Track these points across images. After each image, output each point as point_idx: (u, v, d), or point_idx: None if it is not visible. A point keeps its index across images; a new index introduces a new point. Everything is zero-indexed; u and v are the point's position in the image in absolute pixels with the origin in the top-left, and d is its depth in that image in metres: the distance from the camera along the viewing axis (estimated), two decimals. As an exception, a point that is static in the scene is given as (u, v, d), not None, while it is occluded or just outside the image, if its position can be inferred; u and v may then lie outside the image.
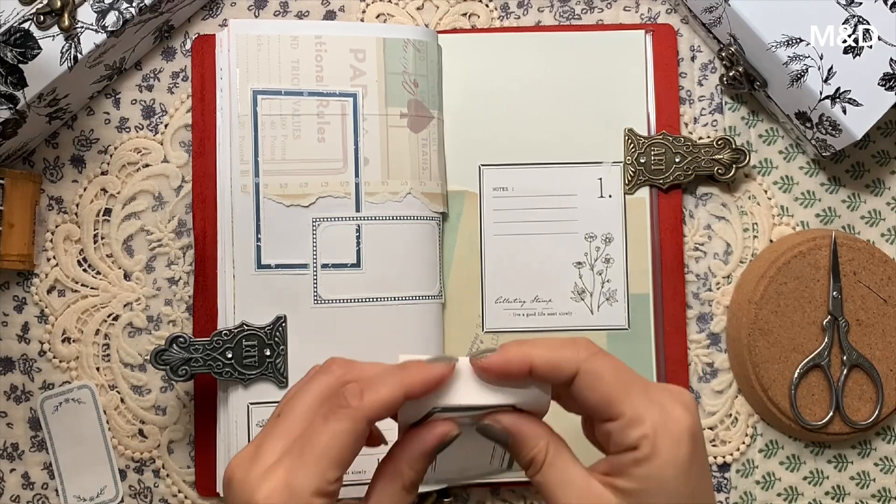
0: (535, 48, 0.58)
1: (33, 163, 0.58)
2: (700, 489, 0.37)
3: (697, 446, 0.37)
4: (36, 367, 0.57)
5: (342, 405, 0.37)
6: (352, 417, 0.36)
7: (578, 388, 0.38)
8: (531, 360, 0.37)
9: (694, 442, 0.37)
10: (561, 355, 0.38)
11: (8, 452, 0.57)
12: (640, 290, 0.57)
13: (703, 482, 0.38)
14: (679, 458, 0.37)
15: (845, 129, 0.53)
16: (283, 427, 0.38)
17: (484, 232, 0.57)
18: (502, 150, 0.57)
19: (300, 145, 0.55)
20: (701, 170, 0.57)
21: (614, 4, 0.59)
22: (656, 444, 0.36)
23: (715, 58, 0.59)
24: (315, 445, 0.36)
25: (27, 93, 0.52)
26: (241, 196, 0.54)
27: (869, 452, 0.58)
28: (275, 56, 0.55)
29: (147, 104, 0.58)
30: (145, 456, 0.57)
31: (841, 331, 0.55)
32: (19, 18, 0.52)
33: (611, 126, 0.57)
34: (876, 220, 0.59)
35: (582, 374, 0.37)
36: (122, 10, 0.53)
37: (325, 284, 0.54)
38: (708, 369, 0.58)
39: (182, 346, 0.52)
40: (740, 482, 0.57)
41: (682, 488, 0.37)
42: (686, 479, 0.37)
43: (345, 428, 0.36)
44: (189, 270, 0.57)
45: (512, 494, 0.57)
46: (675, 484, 0.37)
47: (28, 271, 0.57)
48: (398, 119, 0.55)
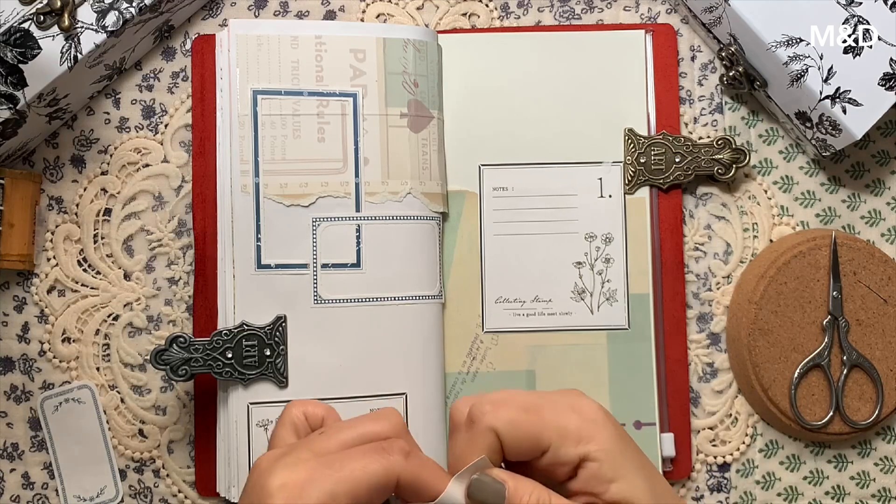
0: (535, 48, 0.58)
1: (33, 163, 0.58)
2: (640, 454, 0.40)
3: (611, 418, 0.40)
4: (36, 367, 0.57)
5: (385, 450, 0.38)
6: (387, 465, 0.37)
7: (511, 448, 0.39)
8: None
9: (606, 414, 0.40)
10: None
11: (8, 452, 0.57)
12: (640, 290, 0.57)
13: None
14: (616, 430, 0.39)
15: (845, 129, 0.53)
16: (321, 442, 0.39)
17: (484, 232, 0.57)
18: (502, 149, 0.57)
19: (300, 145, 0.55)
20: (701, 170, 0.57)
21: (614, 4, 0.59)
22: (592, 436, 0.38)
23: (715, 58, 0.59)
24: (342, 466, 0.37)
25: (27, 93, 0.52)
26: (241, 196, 0.54)
27: (869, 452, 0.58)
28: (275, 56, 0.55)
29: (147, 104, 0.58)
30: (145, 456, 0.57)
31: (841, 331, 0.55)
32: (19, 18, 0.52)
33: (611, 126, 0.57)
34: (876, 220, 0.59)
35: (509, 437, 0.38)
36: (122, 10, 0.53)
37: (325, 284, 0.54)
38: (708, 369, 0.58)
39: (182, 346, 0.52)
40: (740, 482, 0.57)
41: (636, 453, 0.39)
42: (628, 442, 0.39)
43: (376, 469, 0.37)
44: (189, 270, 0.57)
45: (512, 494, 0.57)
46: (632, 451, 0.39)
47: (28, 271, 0.57)
48: (398, 119, 0.55)
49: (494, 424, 0.38)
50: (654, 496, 0.38)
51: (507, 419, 0.38)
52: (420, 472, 0.38)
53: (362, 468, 0.37)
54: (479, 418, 0.38)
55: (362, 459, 0.38)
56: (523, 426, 0.38)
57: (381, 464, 0.37)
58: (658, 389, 0.56)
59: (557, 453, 0.38)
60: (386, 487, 0.38)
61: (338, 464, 0.37)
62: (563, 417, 0.38)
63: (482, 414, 0.38)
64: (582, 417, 0.39)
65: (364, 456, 0.38)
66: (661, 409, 0.56)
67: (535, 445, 0.38)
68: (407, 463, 0.38)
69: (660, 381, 0.56)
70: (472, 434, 0.39)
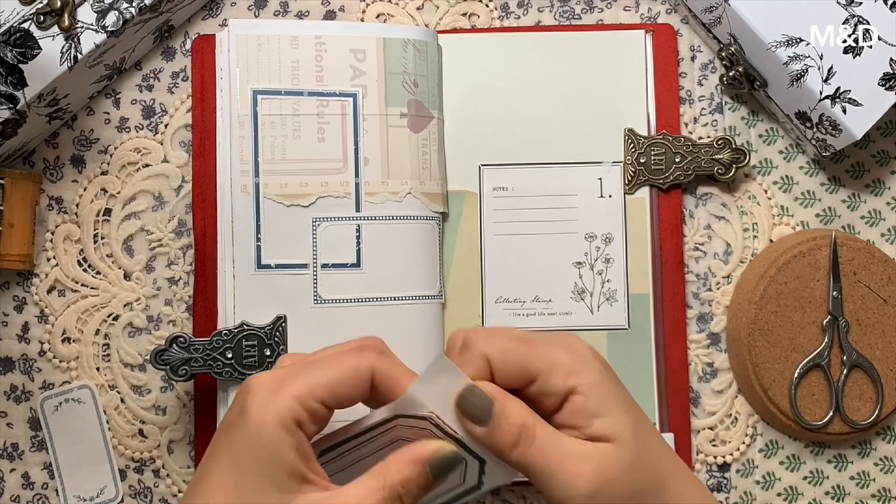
0: (535, 48, 0.58)
1: (33, 163, 0.58)
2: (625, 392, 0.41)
3: (602, 359, 0.41)
4: (36, 367, 0.57)
5: (361, 349, 0.39)
6: (363, 359, 0.38)
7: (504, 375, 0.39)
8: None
9: (597, 354, 0.41)
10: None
11: (8, 452, 0.57)
12: (640, 290, 0.57)
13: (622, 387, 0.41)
14: (606, 369, 0.40)
15: (845, 128, 0.53)
16: (307, 357, 0.40)
17: (484, 232, 0.57)
18: (502, 149, 0.57)
19: (300, 145, 0.55)
20: (701, 170, 0.57)
21: (614, 4, 0.59)
22: (581, 371, 0.39)
23: (715, 58, 0.59)
24: (320, 364, 0.38)
25: (27, 93, 0.52)
26: (241, 196, 0.54)
27: (869, 452, 0.58)
28: (275, 56, 0.55)
29: (147, 104, 0.58)
30: (145, 456, 0.57)
31: (841, 331, 0.55)
32: (19, 18, 0.52)
33: (611, 126, 0.57)
34: (876, 220, 0.59)
35: (500, 364, 0.39)
36: (122, 10, 0.53)
37: (325, 284, 0.54)
38: (708, 369, 0.58)
39: (182, 346, 0.52)
40: (740, 482, 0.57)
41: (624, 393, 0.40)
42: (617, 382, 0.40)
43: (353, 363, 0.38)
44: (189, 270, 0.57)
45: (512, 494, 0.57)
46: (619, 390, 0.40)
47: (28, 271, 0.57)
48: (398, 119, 0.55)
49: (486, 350, 0.39)
50: (637, 435, 0.39)
51: (499, 346, 0.39)
52: (393, 369, 0.39)
53: (339, 363, 0.38)
54: (472, 343, 0.39)
55: (339, 356, 0.39)
56: (514, 354, 0.39)
57: (358, 359, 0.38)
58: (658, 389, 0.56)
59: (546, 384, 0.39)
60: (362, 380, 0.38)
61: (315, 363, 0.38)
62: (554, 350, 0.39)
63: (475, 339, 0.39)
64: (573, 353, 0.39)
65: (341, 353, 0.39)
66: (661, 408, 0.56)
67: (524, 373, 0.39)
68: (381, 359, 0.39)
69: (660, 381, 0.56)
70: (463, 358, 0.39)
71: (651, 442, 0.40)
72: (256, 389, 0.37)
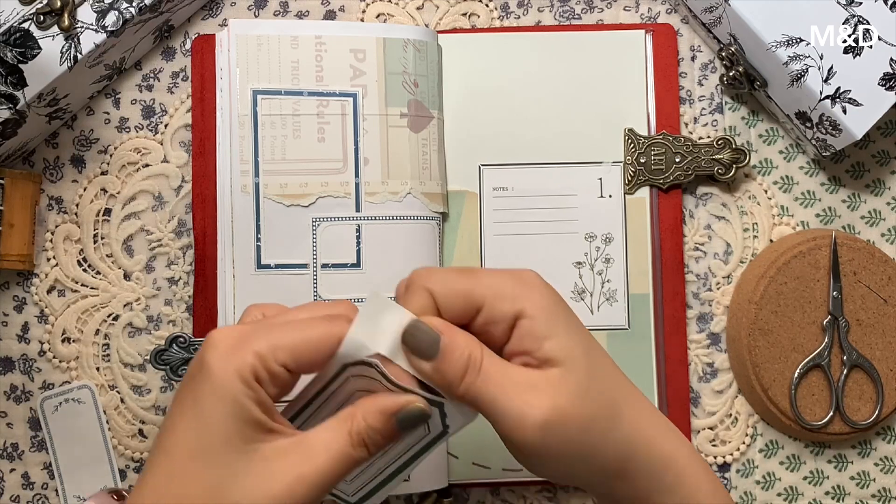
0: (535, 48, 0.58)
1: (33, 163, 0.58)
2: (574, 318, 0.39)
3: (548, 285, 0.39)
4: (36, 367, 0.57)
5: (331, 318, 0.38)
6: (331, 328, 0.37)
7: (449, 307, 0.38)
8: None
9: (544, 281, 0.39)
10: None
11: (8, 452, 0.57)
12: (640, 290, 0.57)
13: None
14: (552, 292, 0.39)
15: (845, 128, 0.53)
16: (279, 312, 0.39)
17: (484, 232, 0.57)
18: (502, 149, 0.57)
19: (300, 145, 0.55)
20: (701, 170, 0.57)
21: (614, 4, 0.59)
22: (527, 294, 0.38)
23: (715, 58, 0.59)
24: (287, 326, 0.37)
25: (27, 93, 0.52)
26: (241, 196, 0.54)
27: (869, 452, 0.58)
28: (275, 56, 0.55)
29: (147, 104, 0.58)
30: (145, 456, 0.57)
31: (841, 331, 0.55)
32: (19, 18, 0.52)
33: (611, 126, 0.57)
34: (876, 220, 0.59)
35: (444, 298, 0.38)
36: (122, 10, 0.53)
37: (325, 284, 0.54)
38: (708, 369, 0.58)
39: (182, 346, 0.52)
40: (740, 482, 0.57)
41: (572, 315, 0.39)
42: (564, 305, 0.39)
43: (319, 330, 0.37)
44: (189, 270, 0.57)
45: (511, 494, 0.57)
46: (567, 312, 0.38)
47: (28, 271, 0.57)
48: (398, 119, 0.55)
49: (429, 285, 0.38)
50: (590, 358, 0.38)
51: (441, 279, 0.38)
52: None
53: (308, 328, 0.37)
54: (414, 280, 0.39)
55: (310, 321, 0.37)
56: (457, 285, 0.38)
57: (329, 327, 0.37)
58: (658, 389, 0.56)
59: (492, 311, 0.38)
60: (329, 349, 0.37)
61: (283, 325, 0.37)
62: (498, 278, 0.38)
63: (417, 276, 0.39)
64: (517, 279, 0.39)
65: (313, 319, 0.38)
66: (661, 408, 0.56)
67: (469, 303, 0.38)
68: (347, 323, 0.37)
69: (660, 381, 0.56)
70: (407, 295, 0.39)
71: (604, 367, 0.39)
72: (218, 343, 0.36)
